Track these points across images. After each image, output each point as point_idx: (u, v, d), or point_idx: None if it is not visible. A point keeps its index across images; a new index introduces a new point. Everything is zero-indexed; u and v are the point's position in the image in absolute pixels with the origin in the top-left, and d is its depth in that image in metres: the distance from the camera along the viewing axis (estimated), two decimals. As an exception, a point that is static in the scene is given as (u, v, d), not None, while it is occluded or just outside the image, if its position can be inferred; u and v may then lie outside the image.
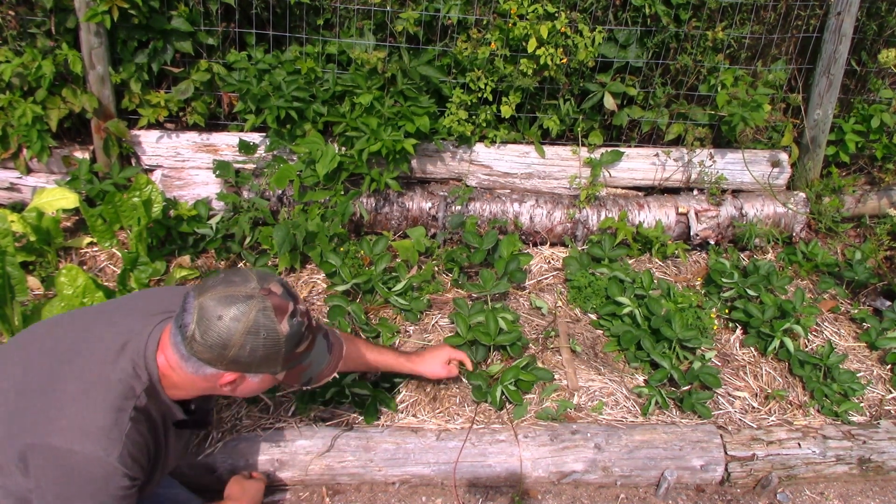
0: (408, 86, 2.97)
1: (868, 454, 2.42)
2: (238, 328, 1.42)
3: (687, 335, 2.64)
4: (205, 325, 1.42)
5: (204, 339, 1.42)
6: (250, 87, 2.91)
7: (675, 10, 3.10)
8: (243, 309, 1.42)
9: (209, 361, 1.45)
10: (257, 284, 1.46)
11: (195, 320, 1.42)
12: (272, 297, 1.46)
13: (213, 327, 1.41)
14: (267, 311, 1.44)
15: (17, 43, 2.86)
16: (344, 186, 3.03)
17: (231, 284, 1.45)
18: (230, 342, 1.42)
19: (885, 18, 3.30)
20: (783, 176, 3.42)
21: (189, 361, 1.46)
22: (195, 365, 1.46)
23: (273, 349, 1.47)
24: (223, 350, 1.43)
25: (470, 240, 2.94)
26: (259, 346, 1.45)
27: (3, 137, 2.92)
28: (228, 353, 1.43)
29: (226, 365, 1.46)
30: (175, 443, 1.67)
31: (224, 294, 1.43)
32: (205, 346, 1.43)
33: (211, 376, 1.48)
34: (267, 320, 1.44)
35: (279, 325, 1.46)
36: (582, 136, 3.28)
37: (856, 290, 3.18)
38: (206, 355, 1.44)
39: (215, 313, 1.41)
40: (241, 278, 1.47)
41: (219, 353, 1.43)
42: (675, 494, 2.35)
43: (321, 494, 2.23)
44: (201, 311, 1.42)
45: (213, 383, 1.50)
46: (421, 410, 2.41)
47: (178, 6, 2.84)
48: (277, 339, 1.46)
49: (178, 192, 3.07)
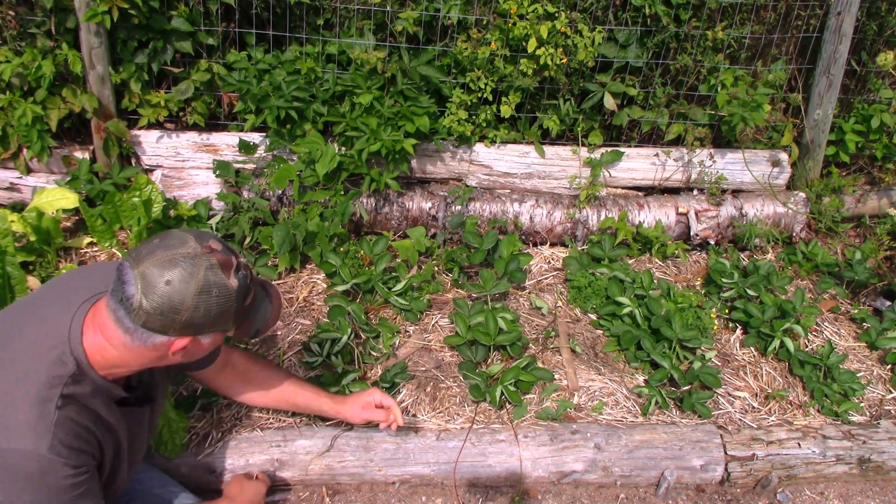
0: (408, 86, 2.97)
1: (868, 454, 2.42)
2: (189, 290, 1.36)
3: (687, 335, 2.64)
4: (152, 292, 1.35)
5: (154, 307, 1.35)
6: (250, 87, 2.91)
7: (675, 10, 3.10)
8: (190, 269, 1.36)
9: (160, 329, 1.39)
10: (196, 243, 1.40)
11: (140, 290, 1.35)
12: (215, 254, 1.40)
13: (162, 293, 1.35)
14: (214, 269, 1.39)
15: (17, 43, 2.86)
16: (344, 186, 3.03)
17: (169, 248, 1.38)
18: (182, 305, 1.36)
19: (885, 18, 3.30)
20: (783, 176, 3.42)
21: (136, 334, 1.39)
22: (142, 336, 1.40)
23: (226, 306, 1.42)
24: (175, 315, 1.37)
25: (470, 240, 2.94)
26: (213, 305, 1.39)
27: (3, 137, 2.92)
28: (181, 316, 1.37)
29: (179, 330, 1.40)
30: (130, 423, 1.63)
31: (165, 258, 1.36)
32: (155, 314, 1.36)
33: (161, 345, 1.42)
34: (216, 277, 1.39)
35: (228, 281, 1.41)
36: (582, 136, 3.28)
37: (856, 290, 3.18)
38: (156, 324, 1.37)
39: (161, 278, 1.35)
40: (177, 240, 1.40)
41: (171, 318, 1.37)
42: (675, 494, 2.35)
43: (321, 494, 2.23)
44: (145, 279, 1.35)
45: (163, 352, 1.45)
46: (421, 410, 2.41)
47: (178, 6, 2.84)
48: (229, 296, 1.41)
49: (178, 192, 3.07)
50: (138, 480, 1.93)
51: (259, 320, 1.57)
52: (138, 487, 1.91)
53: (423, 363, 2.60)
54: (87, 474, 1.46)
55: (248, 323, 1.54)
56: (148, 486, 1.92)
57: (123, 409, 1.59)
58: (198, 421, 2.25)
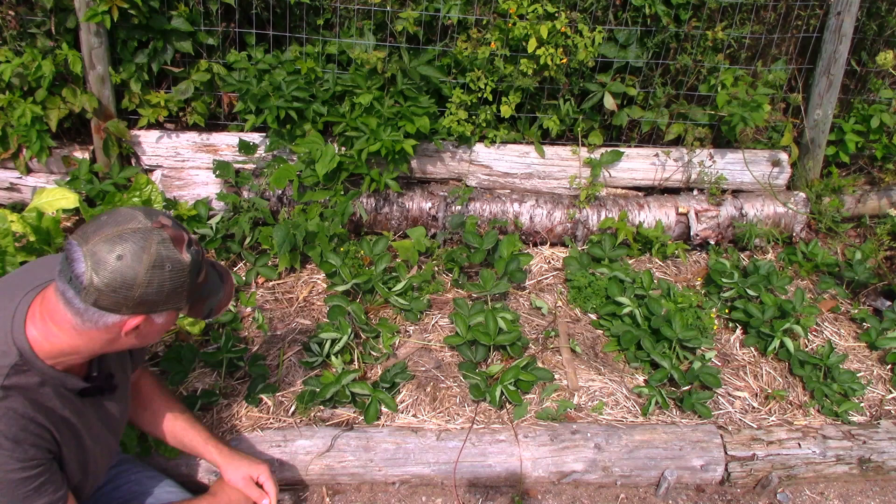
0: (408, 86, 2.97)
1: (868, 454, 2.42)
2: (142, 265, 1.32)
3: (687, 335, 2.64)
4: (103, 268, 1.30)
5: (105, 283, 1.31)
6: (250, 87, 2.91)
7: (675, 10, 3.10)
8: (142, 244, 1.32)
9: (112, 307, 1.34)
10: (146, 219, 1.36)
11: (90, 267, 1.30)
12: (166, 229, 1.37)
13: (114, 268, 1.30)
14: (166, 243, 1.35)
15: (17, 43, 2.86)
16: (344, 186, 3.03)
17: (119, 223, 1.34)
18: (135, 281, 1.32)
19: (885, 18, 3.31)
20: (783, 176, 3.42)
21: (86, 315, 1.35)
22: (93, 317, 1.35)
23: (179, 281, 1.38)
24: (128, 291, 1.33)
25: (470, 240, 2.94)
26: (166, 280, 1.36)
27: (3, 137, 2.92)
28: (134, 293, 1.33)
29: (132, 308, 1.35)
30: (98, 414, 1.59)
31: (115, 233, 1.32)
32: (107, 290, 1.31)
33: (113, 326, 1.38)
34: (169, 251, 1.35)
35: (181, 255, 1.37)
36: (582, 136, 3.28)
37: (856, 290, 3.18)
38: (108, 301, 1.33)
39: (112, 254, 1.30)
40: (125, 216, 1.36)
41: (124, 295, 1.33)
42: (675, 494, 2.35)
43: (321, 494, 2.23)
44: (95, 256, 1.30)
45: (115, 334, 1.40)
46: (421, 410, 2.41)
47: (178, 6, 2.84)
48: (182, 270, 1.38)
49: (178, 192, 3.07)
50: (137, 481, 1.92)
51: (213, 300, 1.54)
52: (137, 488, 1.90)
53: (423, 363, 2.60)
54: (39, 468, 1.42)
55: (201, 302, 1.51)
56: (146, 487, 1.91)
57: (88, 399, 1.56)
58: (198, 421, 2.25)
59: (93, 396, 1.58)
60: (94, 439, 1.60)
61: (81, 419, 1.54)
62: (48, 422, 1.45)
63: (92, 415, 1.59)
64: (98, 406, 1.61)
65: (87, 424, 1.57)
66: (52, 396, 1.46)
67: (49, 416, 1.45)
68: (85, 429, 1.56)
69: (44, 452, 1.44)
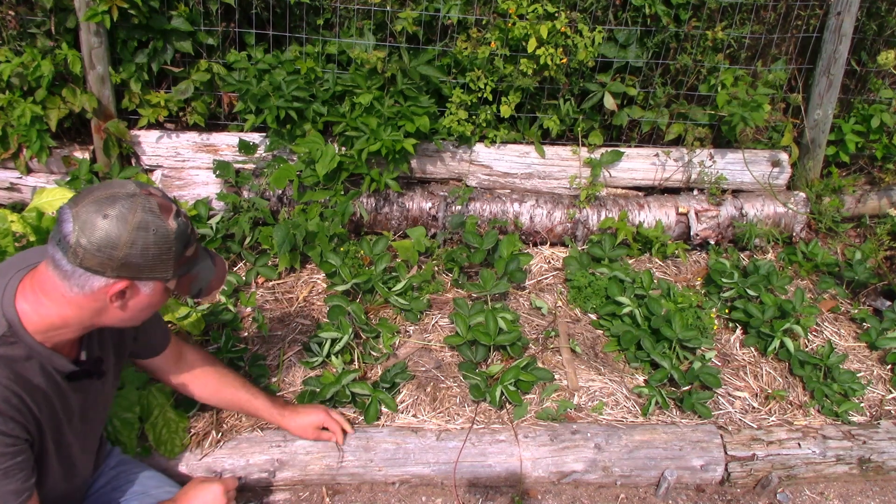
0: (408, 86, 2.97)
1: (868, 454, 2.42)
2: (127, 225, 1.35)
3: (687, 335, 2.64)
4: (90, 227, 1.33)
5: (91, 241, 1.33)
6: (250, 87, 2.91)
7: (675, 10, 3.10)
8: (128, 205, 1.36)
9: (97, 268, 1.35)
10: (136, 186, 1.40)
11: (77, 227, 1.33)
12: (155, 197, 1.40)
13: (100, 227, 1.33)
14: (153, 208, 1.38)
15: (17, 43, 2.86)
16: (344, 186, 3.03)
17: (109, 188, 1.38)
18: (119, 241, 1.35)
19: (885, 18, 3.30)
20: (783, 176, 3.42)
21: (73, 277, 1.36)
22: (80, 280, 1.37)
23: (164, 247, 1.40)
24: (112, 250, 1.35)
25: (470, 240, 2.94)
26: (150, 244, 1.38)
27: (3, 137, 2.92)
28: (119, 252, 1.35)
29: (116, 269, 1.37)
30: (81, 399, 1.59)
31: (104, 196, 1.36)
32: (91, 249, 1.34)
33: (99, 291, 1.39)
34: (154, 217, 1.38)
35: (167, 222, 1.40)
36: (582, 136, 3.28)
37: (856, 290, 3.18)
38: (93, 261, 1.35)
39: (99, 213, 1.34)
40: (117, 184, 1.40)
41: (108, 254, 1.35)
42: (675, 494, 2.35)
43: (321, 494, 2.23)
44: (82, 217, 1.34)
45: (101, 301, 1.41)
46: (421, 410, 2.41)
47: (178, 6, 2.84)
48: (168, 236, 1.40)
49: (178, 192, 3.07)
50: (137, 481, 1.92)
51: (202, 279, 1.55)
52: (136, 489, 1.90)
53: (423, 363, 2.60)
54: (14, 447, 1.42)
55: (188, 278, 1.52)
56: (145, 488, 1.91)
57: (74, 384, 1.56)
58: (198, 421, 2.25)
59: (79, 381, 1.57)
60: (73, 427, 1.60)
61: (63, 402, 1.54)
62: (30, 399, 1.45)
63: (74, 400, 1.58)
64: (81, 391, 1.60)
65: (68, 409, 1.57)
66: (38, 373, 1.46)
67: (32, 393, 1.46)
68: (65, 414, 1.56)
69: (21, 430, 1.44)
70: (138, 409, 2.12)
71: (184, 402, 2.27)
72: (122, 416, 2.09)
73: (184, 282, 1.52)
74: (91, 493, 1.87)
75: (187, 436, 2.17)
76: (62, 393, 1.53)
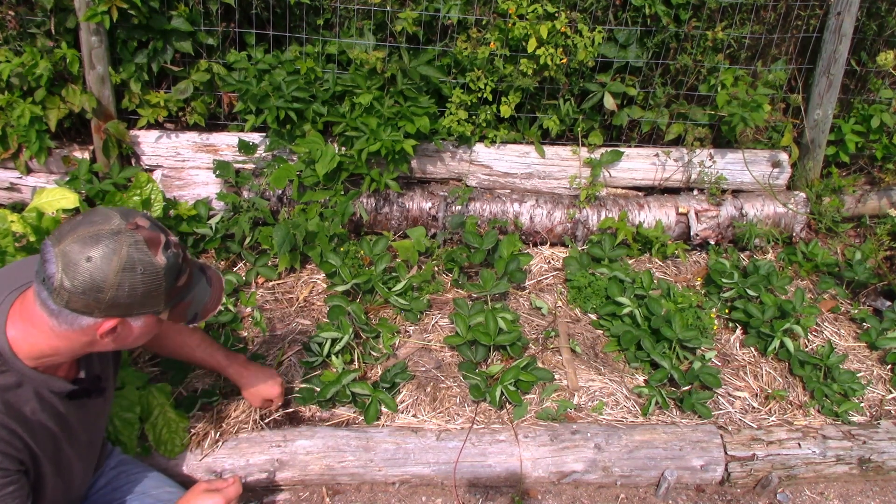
0: (408, 86, 2.97)
1: (868, 454, 2.42)
2: (111, 267, 1.29)
3: (687, 335, 2.64)
4: (73, 270, 1.28)
5: (75, 285, 1.28)
6: (250, 88, 2.91)
7: (675, 10, 3.10)
8: (112, 246, 1.30)
9: (84, 310, 1.31)
10: (122, 220, 1.33)
11: (60, 268, 1.28)
12: (141, 231, 1.34)
13: (83, 270, 1.28)
14: (139, 245, 1.32)
15: (17, 43, 2.86)
16: (344, 186, 3.03)
17: (93, 224, 1.32)
18: (105, 284, 1.29)
19: (885, 18, 3.30)
20: (783, 176, 3.42)
21: (61, 317, 1.32)
22: (68, 318, 1.32)
23: (153, 284, 1.35)
24: (98, 294, 1.30)
25: (470, 240, 2.94)
26: (138, 284, 1.32)
27: (3, 137, 2.92)
28: (105, 295, 1.30)
29: (104, 311, 1.33)
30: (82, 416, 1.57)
31: (87, 234, 1.30)
32: (76, 293, 1.29)
33: (88, 328, 1.35)
34: (141, 254, 1.32)
35: (155, 258, 1.34)
36: (582, 136, 3.28)
37: (856, 290, 3.18)
38: (79, 304, 1.30)
39: (82, 255, 1.28)
40: (101, 217, 1.34)
41: (94, 297, 1.30)
42: (675, 494, 2.35)
43: (321, 494, 2.23)
44: (66, 257, 1.28)
45: (91, 336, 1.37)
46: (421, 410, 2.41)
47: (177, 6, 2.84)
48: (156, 273, 1.34)
49: (178, 192, 3.07)
50: (137, 481, 1.92)
51: (197, 303, 1.50)
52: (136, 489, 1.90)
53: (423, 363, 2.60)
54: (7, 479, 1.38)
55: (183, 305, 1.47)
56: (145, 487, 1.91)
57: (75, 402, 1.54)
58: (198, 421, 2.25)
59: (79, 399, 1.55)
60: (74, 444, 1.58)
61: (61, 423, 1.51)
62: (22, 429, 1.42)
63: (74, 418, 1.56)
64: (82, 408, 1.58)
65: (68, 428, 1.55)
66: (31, 399, 1.43)
67: (24, 423, 1.42)
68: (64, 434, 1.53)
69: (13, 462, 1.41)
70: (138, 409, 2.12)
71: (184, 401, 2.27)
72: (122, 416, 2.09)
73: (178, 310, 1.47)
74: (91, 493, 1.87)
75: (187, 436, 2.17)
76: (59, 414, 1.50)
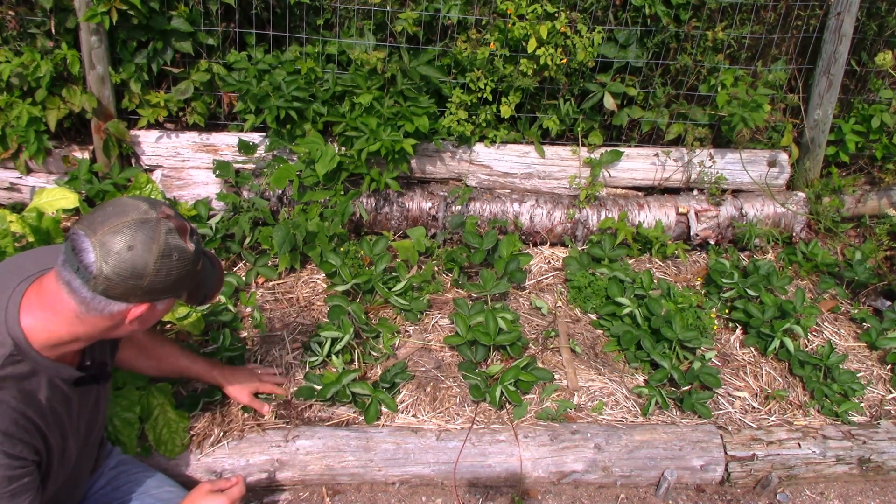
0: (407, 86, 2.97)
1: (868, 454, 2.42)
2: (152, 254, 1.37)
3: (687, 335, 2.64)
4: (115, 258, 1.34)
5: (116, 273, 1.34)
6: (250, 87, 2.91)
7: (675, 10, 3.10)
8: (151, 234, 1.37)
9: (121, 296, 1.38)
10: (151, 209, 1.41)
11: (100, 257, 1.33)
12: (172, 219, 1.42)
13: (126, 258, 1.34)
14: (173, 233, 1.40)
15: (17, 43, 2.86)
16: (344, 186, 3.03)
17: (126, 214, 1.38)
18: (146, 270, 1.37)
19: (885, 18, 3.31)
20: (783, 176, 3.42)
21: (92, 303, 1.37)
22: (100, 305, 1.38)
23: (185, 270, 1.44)
24: (138, 280, 1.37)
25: (470, 240, 2.94)
26: (174, 270, 1.41)
27: (3, 138, 2.92)
28: (144, 282, 1.37)
29: (140, 296, 1.40)
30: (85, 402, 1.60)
31: (124, 223, 1.36)
32: (117, 279, 1.35)
33: (118, 314, 1.41)
34: (176, 241, 1.41)
35: (187, 245, 1.43)
36: (582, 136, 3.28)
37: (856, 290, 3.18)
38: (117, 290, 1.36)
39: (124, 244, 1.35)
40: (131, 207, 1.40)
41: (133, 284, 1.37)
42: (675, 494, 2.35)
43: (321, 494, 2.23)
44: (105, 247, 1.34)
45: (118, 321, 1.44)
46: (421, 410, 2.41)
47: (177, 6, 2.84)
48: (189, 259, 1.43)
49: (178, 192, 3.07)
50: (137, 481, 1.92)
51: (207, 286, 1.59)
52: (136, 489, 1.90)
53: (423, 363, 2.60)
54: (23, 469, 1.41)
55: (198, 289, 1.56)
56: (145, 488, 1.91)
57: (81, 389, 1.57)
58: (198, 421, 2.25)
59: (86, 385, 1.58)
60: (76, 434, 1.60)
61: (69, 411, 1.55)
62: (37, 416, 1.45)
63: (78, 406, 1.59)
64: (85, 396, 1.61)
65: (73, 417, 1.58)
66: (44, 386, 1.46)
67: (38, 409, 1.46)
68: (70, 422, 1.56)
69: (30, 452, 1.44)
70: (138, 409, 2.12)
71: (184, 401, 2.27)
72: (122, 416, 2.09)
73: (193, 293, 1.56)
74: (91, 493, 1.87)
75: (187, 436, 2.17)
76: (68, 401, 1.54)
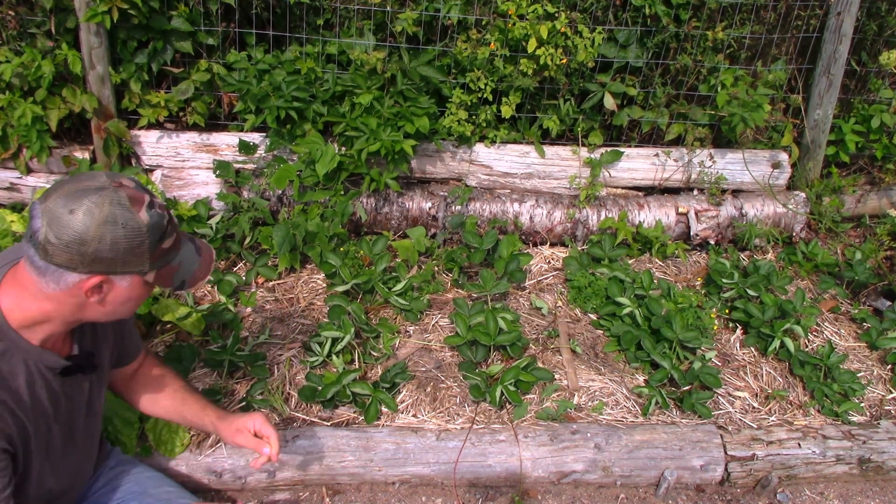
0: (408, 86, 2.97)
1: (868, 454, 2.42)
2: (93, 220, 1.33)
3: (687, 335, 2.64)
4: (57, 223, 1.32)
5: (59, 237, 1.32)
6: (250, 87, 2.91)
7: (675, 10, 3.10)
8: (96, 200, 1.34)
9: (68, 265, 1.35)
10: (107, 179, 1.38)
11: (45, 223, 1.33)
12: (125, 189, 1.38)
13: (67, 223, 1.32)
14: (122, 201, 1.36)
15: (18, 43, 2.86)
16: (344, 186, 3.03)
17: (79, 181, 1.36)
18: (87, 235, 1.33)
19: (885, 18, 3.31)
20: (783, 176, 3.42)
21: (47, 274, 1.36)
22: (54, 275, 1.36)
23: (136, 240, 1.38)
24: (81, 246, 1.33)
25: (470, 240, 2.94)
26: (120, 237, 1.36)
27: (3, 137, 2.92)
28: (88, 248, 1.34)
29: (88, 265, 1.36)
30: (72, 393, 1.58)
31: (73, 190, 1.35)
32: (60, 245, 1.33)
33: (75, 287, 1.38)
34: (123, 210, 1.36)
35: (137, 215, 1.37)
36: (582, 136, 3.28)
37: (856, 290, 3.18)
38: (63, 257, 1.34)
39: (66, 209, 1.32)
40: (87, 176, 1.39)
41: (77, 250, 1.33)
42: (675, 494, 2.35)
43: (321, 494, 2.23)
44: (51, 212, 1.33)
45: (78, 296, 1.40)
46: (421, 410, 2.41)
47: (178, 6, 2.84)
48: (139, 229, 1.37)
49: (178, 192, 3.07)
50: (137, 481, 1.92)
51: (185, 270, 1.52)
52: (136, 489, 1.90)
53: (423, 363, 2.60)
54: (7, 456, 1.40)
55: (169, 269, 1.48)
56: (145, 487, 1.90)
57: (69, 379, 1.55)
58: (198, 421, 2.24)
59: (73, 375, 1.57)
60: (64, 426, 1.59)
61: (54, 401, 1.53)
62: (12, 399, 1.44)
63: (66, 397, 1.57)
64: (76, 387, 1.60)
65: (59, 408, 1.56)
66: (20, 370, 1.45)
67: (15, 396, 1.44)
68: (56, 413, 1.55)
69: (3, 443, 1.42)
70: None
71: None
72: (122, 415, 2.09)
73: (164, 274, 1.48)
74: (90, 493, 1.87)
75: (187, 436, 2.17)
76: (53, 391, 1.52)
